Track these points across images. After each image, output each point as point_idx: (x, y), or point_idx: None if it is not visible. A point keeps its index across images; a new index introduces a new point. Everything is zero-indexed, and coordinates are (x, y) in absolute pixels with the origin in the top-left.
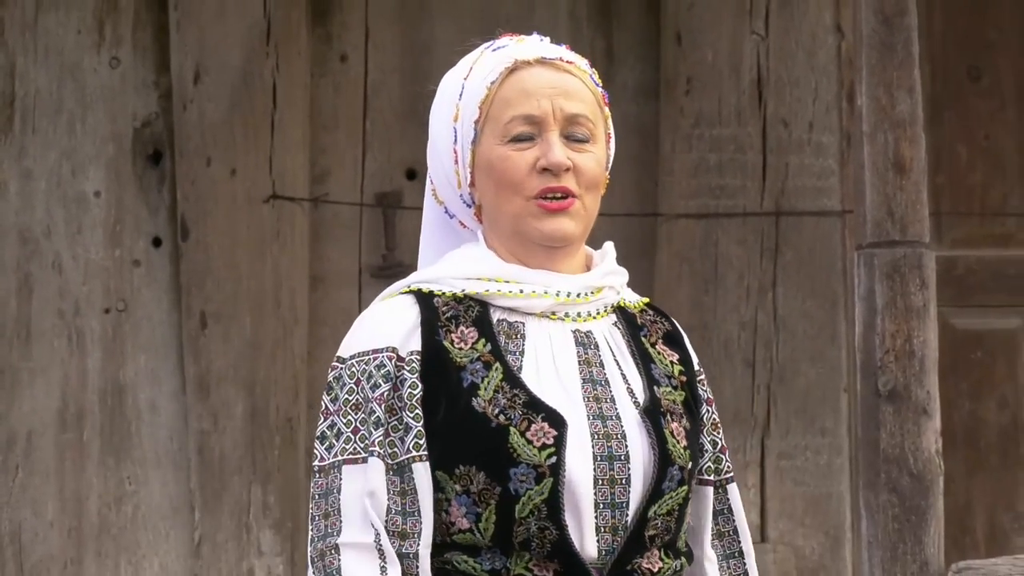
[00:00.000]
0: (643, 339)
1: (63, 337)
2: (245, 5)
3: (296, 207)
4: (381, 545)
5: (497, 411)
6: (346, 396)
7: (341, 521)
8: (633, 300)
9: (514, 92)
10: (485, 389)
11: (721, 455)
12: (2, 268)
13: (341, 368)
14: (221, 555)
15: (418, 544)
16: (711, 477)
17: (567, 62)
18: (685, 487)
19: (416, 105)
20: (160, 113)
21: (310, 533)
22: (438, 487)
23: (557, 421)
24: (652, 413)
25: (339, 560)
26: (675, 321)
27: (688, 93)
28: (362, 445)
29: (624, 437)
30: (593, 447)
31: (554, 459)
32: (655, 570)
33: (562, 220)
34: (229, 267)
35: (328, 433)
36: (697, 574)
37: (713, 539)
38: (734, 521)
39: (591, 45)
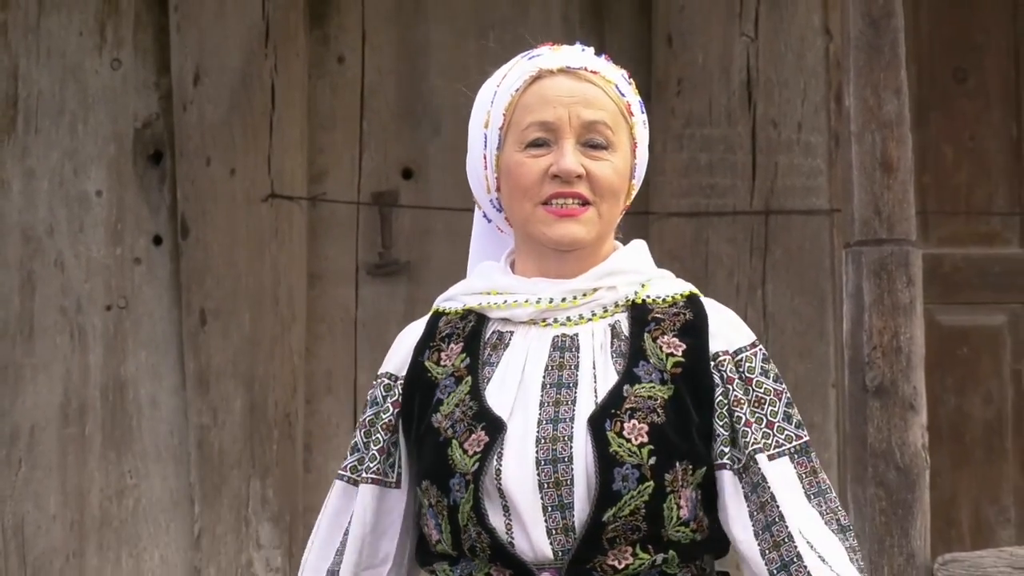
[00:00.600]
0: (646, 335)
1: (65, 333)
2: (244, 8)
3: (294, 206)
4: (331, 568)
5: (448, 425)
6: (361, 415)
7: (313, 542)
8: (665, 294)
9: (534, 99)
10: (447, 404)
11: (747, 431)
12: (5, 266)
13: (372, 386)
14: (220, 547)
15: (340, 564)
16: (725, 461)
17: (591, 71)
18: (650, 483)
19: (412, 105)
20: (160, 114)
21: None
22: (418, 502)
23: (494, 427)
24: (598, 418)
25: None
26: (712, 309)
27: (679, 94)
28: (343, 466)
29: (571, 439)
30: (537, 451)
31: (477, 466)
32: (622, 566)
33: (570, 225)
34: (228, 265)
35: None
36: (741, 555)
37: (754, 513)
38: (770, 490)
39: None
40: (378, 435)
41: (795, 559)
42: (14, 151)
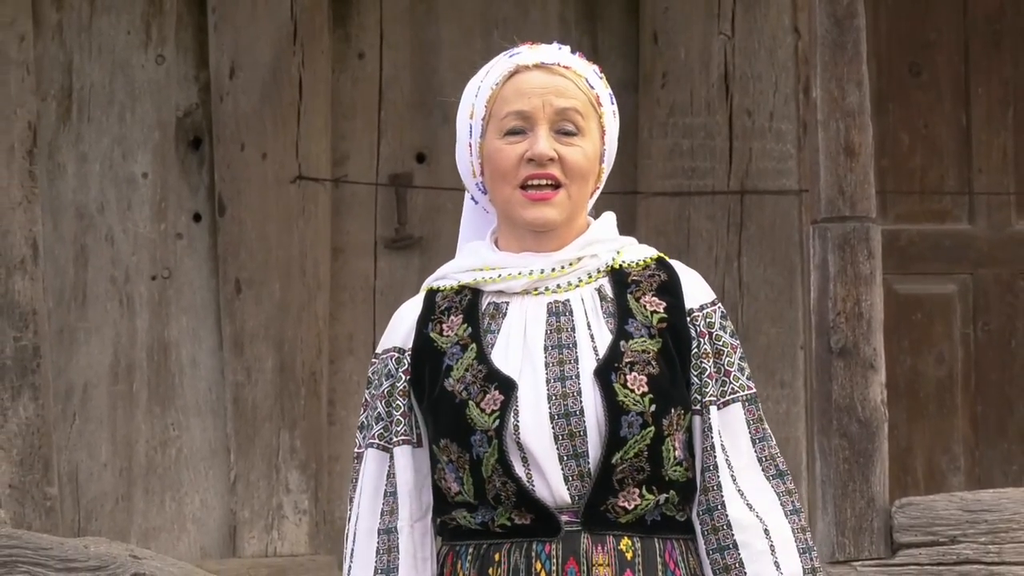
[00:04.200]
0: (629, 296)
1: (115, 301)
2: (274, 9)
3: (319, 187)
4: (383, 527)
5: (462, 388)
6: (371, 391)
7: (359, 507)
8: (638, 259)
9: (511, 92)
10: (457, 369)
11: (708, 382)
12: (61, 240)
13: (373, 365)
14: (254, 492)
15: (397, 520)
16: (696, 407)
17: (563, 67)
18: (651, 428)
19: (425, 97)
20: (200, 104)
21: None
22: (435, 459)
23: (507, 387)
24: (603, 370)
25: (354, 544)
26: (680, 270)
27: (664, 86)
28: (374, 435)
29: (579, 394)
30: (550, 407)
31: (498, 422)
32: (631, 506)
33: (544, 209)
34: (260, 239)
35: (363, 424)
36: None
37: (705, 455)
38: (711, 439)
39: (578, 44)
40: (399, 402)
41: (719, 506)
42: (69, 137)
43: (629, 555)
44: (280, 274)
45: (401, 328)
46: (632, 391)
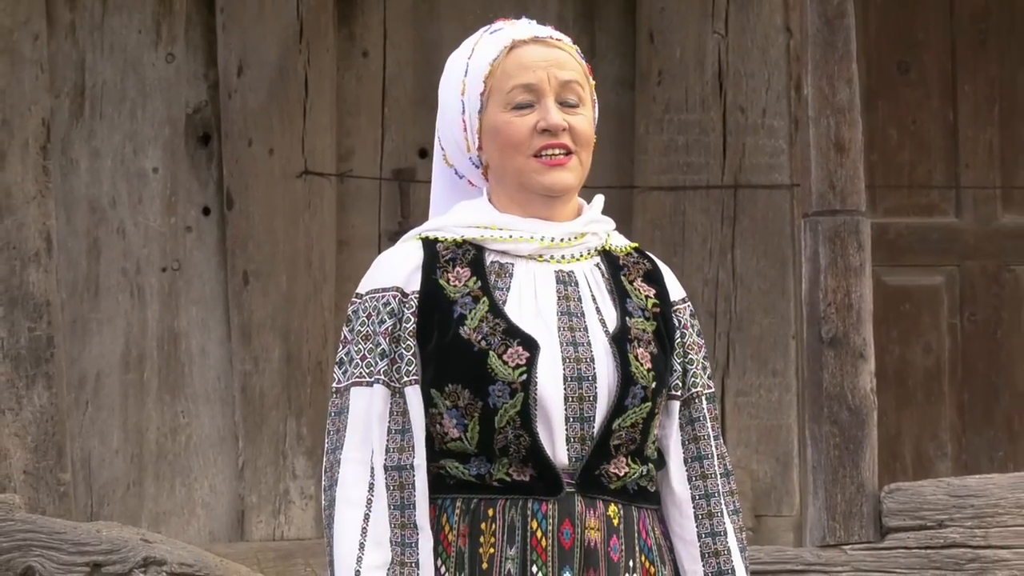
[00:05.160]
0: (623, 277)
1: (126, 292)
2: (281, 9)
3: (325, 181)
4: (373, 462)
5: (480, 337)
6: (359, 328)
7: (346, 437)
8: (621, 245)
9: (513, 66)
10: (471, 319)
11: (697, 372)
12: (74, 233)
13: (358, 303)
14: (261, 478)
15: (413, 456)
16: (678, 393)
17: (556, 40)
18: (649, 403)
19: (427, 94)
20: (209, 101)
21: (325, 445)
22: (431, 403)
23: (531, 345)
24: (619, 340)
25: (339, 472)
26: (658, 262)
27: (659, 84)
28: (368, 371)
29: (592, 360)
30: (564, 369)
31: (524, 376)
32: (621, 474)
33: (561, 173)
34: (268, 232)
35: (344, 359)
36: (666, 476)
37: (686, 443)
38: (707, 427)
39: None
40: (409, 342)
41: (715, 493)
42: (82, 133)
43: (615, 521)
44: (287, 266)
45: (399, 270)
46: (641, 364)
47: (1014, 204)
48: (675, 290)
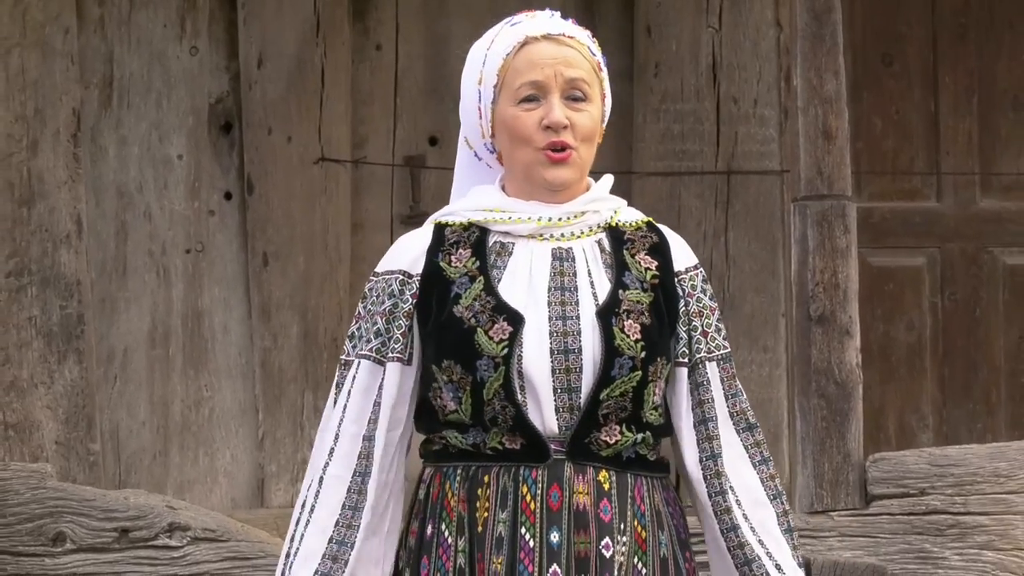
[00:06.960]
0: (625, 251)
1: (152, 272)
2: (298, 5)
3: (340, 167)
4: (367, 434)
5: (471, 315)
6: (368, 306)
7: (345, 412)
8: (631, 220)
9: (523, 63)
10: (466, 298)
11: (701, 338)
12: (103, 217)
13: (372, 282)
14: (280, 448)
15: (375, 428)
16: (685, 360)
17: (568, 37)
18: (638, 372)
19: (437, 85)
20: (230, 92)
21: (324, 412)
22: (432, 379)
23: (515, 320)
24: (605, 313)
25: (335, 444)
26: (668, 234)
27: (656, 76)
28: (357, 346)
29: (579, 334)
30: (551, 342)
31: (506, 351)
32: (612, 441)
33: (561, 169)
34: (286, 216)
35: (354, 334)
36: (676, 435)
37: (694, 408)
38: (711, 391)
39: None
40: (400, 322)
41: (723, 454)
42: (110, 122)
43: (606, 486)
44: (304, 248)
45: (407, 254)
46: (627, 336)
47: (992, 189)
48: (682, 259)
